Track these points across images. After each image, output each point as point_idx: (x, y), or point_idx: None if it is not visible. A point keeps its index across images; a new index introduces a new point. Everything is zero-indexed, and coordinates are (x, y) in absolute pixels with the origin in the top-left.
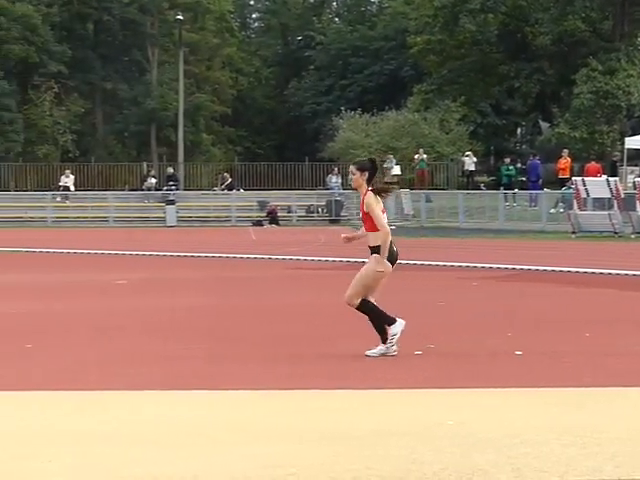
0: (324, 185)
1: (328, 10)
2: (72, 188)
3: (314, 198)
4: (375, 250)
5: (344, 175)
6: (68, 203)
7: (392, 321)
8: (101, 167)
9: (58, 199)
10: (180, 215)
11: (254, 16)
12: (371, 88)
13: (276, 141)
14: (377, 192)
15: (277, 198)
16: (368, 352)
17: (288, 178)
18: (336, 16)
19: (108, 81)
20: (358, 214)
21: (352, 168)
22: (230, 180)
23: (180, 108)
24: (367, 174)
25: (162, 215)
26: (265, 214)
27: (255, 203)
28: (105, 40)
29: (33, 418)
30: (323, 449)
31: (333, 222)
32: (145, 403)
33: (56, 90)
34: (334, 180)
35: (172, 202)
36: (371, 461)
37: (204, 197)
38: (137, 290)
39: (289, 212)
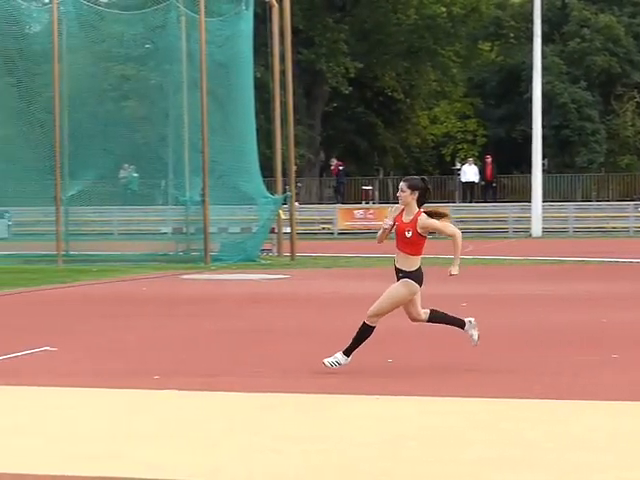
0: None
1: None
2: None
3: None
4: (405, 274)
5: None
6: None
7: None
8: None
9: None
10: None
11: None
12: None
13: None
14: (430, 215)
15: None
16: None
17: None
18: None
19: None
20: None
21: (402, 185)
22: None
23: None
24: (417, 193)
25: None
26: None
27: None
28: None
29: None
30: None
31: None
32: None
33: (638, 100)
34: None
35: None
36: None
37: None
38: None
39: None
